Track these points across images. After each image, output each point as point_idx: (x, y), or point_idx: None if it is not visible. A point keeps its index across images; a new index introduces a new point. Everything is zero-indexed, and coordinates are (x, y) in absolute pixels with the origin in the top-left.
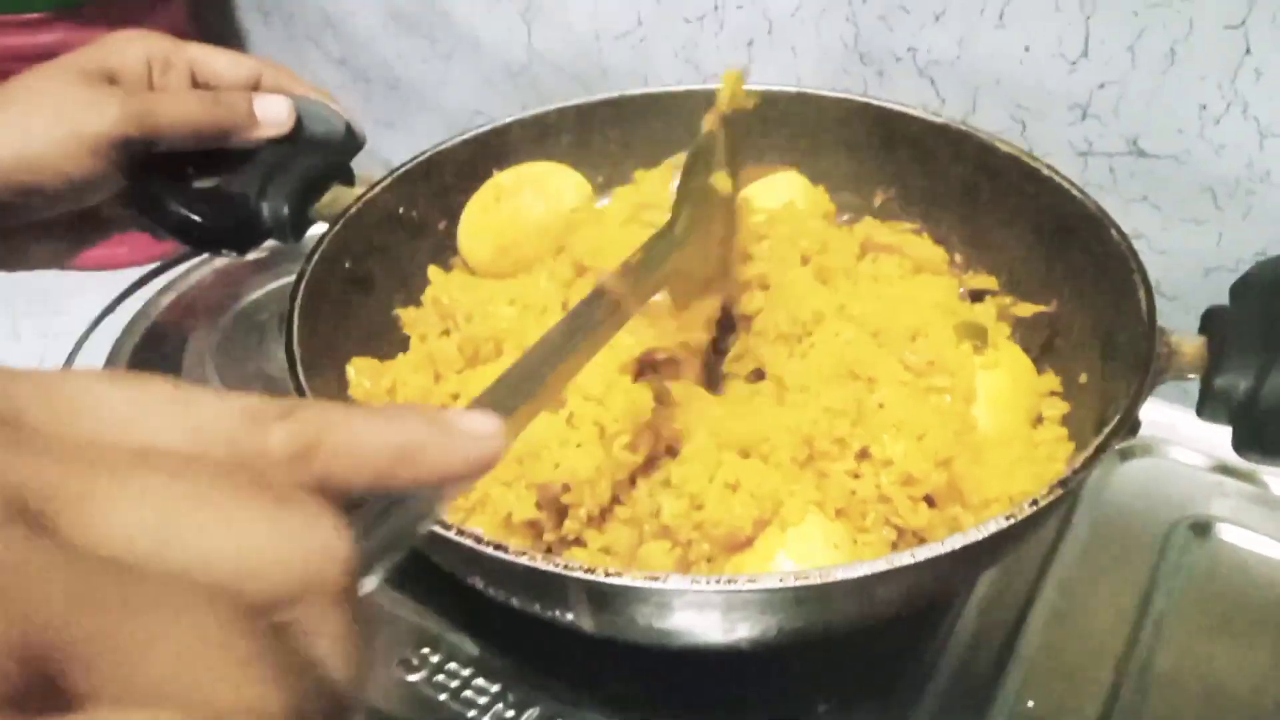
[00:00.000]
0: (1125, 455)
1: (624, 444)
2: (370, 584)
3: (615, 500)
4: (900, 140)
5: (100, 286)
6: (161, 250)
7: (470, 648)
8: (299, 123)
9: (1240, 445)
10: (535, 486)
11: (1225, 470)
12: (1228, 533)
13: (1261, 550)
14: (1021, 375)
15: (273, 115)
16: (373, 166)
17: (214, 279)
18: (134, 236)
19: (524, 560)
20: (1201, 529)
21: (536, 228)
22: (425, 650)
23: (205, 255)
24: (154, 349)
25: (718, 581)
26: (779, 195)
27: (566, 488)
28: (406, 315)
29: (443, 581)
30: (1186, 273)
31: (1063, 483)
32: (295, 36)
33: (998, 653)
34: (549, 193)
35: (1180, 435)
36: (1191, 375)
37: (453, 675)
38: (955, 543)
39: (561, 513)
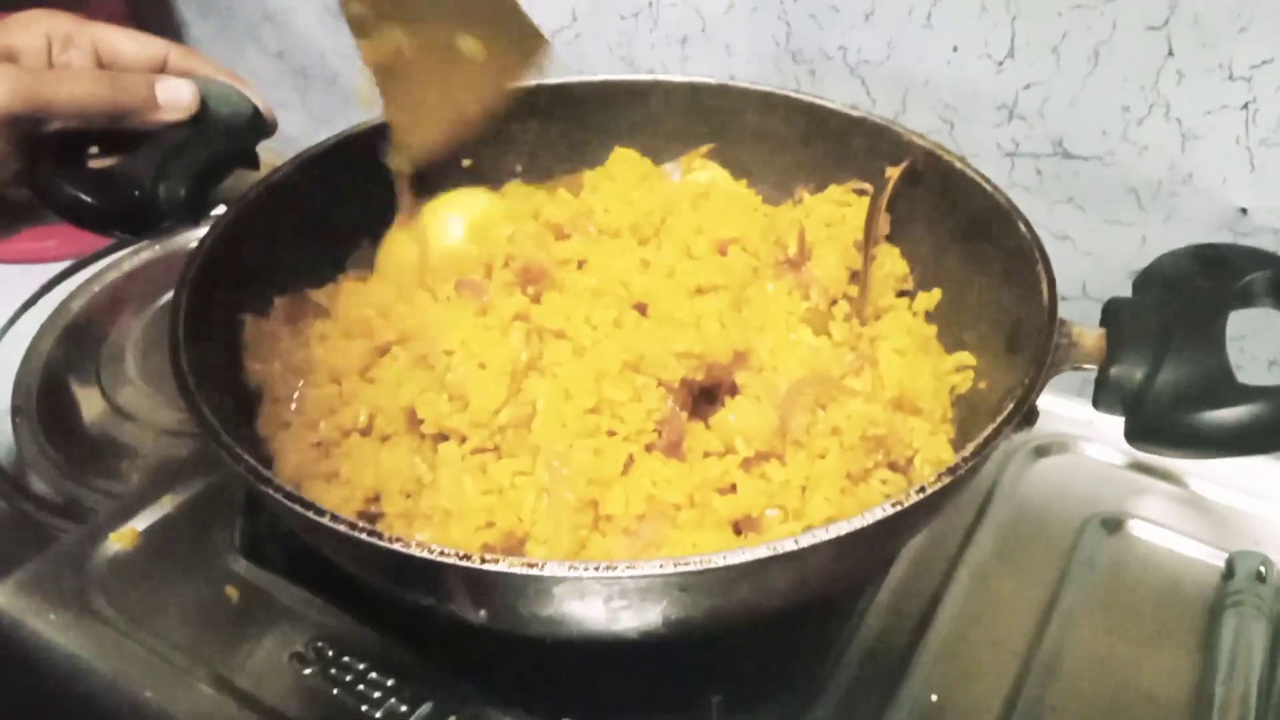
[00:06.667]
0: (1042, 452)
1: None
2: None
3: None
4: (820, 134)
5: (23, 280)
6: (92, 244)
7: (368, 640)
8: (204, 105)
9: (1132, 435)
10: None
11: (1140, 468)
12: (1138, 528)
13: (1170, 545)
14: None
15: (175, 98)
16: None
17: (138, 273)
18: (63, 230)
19: (401, 547)
20: (1113, 525)
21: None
22: (320, 644)
23: (128, 249)
24: (74, 343)
25: (594, 568)
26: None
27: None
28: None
29: (340, 574)
30: (1112, 274)
31: (951, 470)
32: (233, 30)
33: (905, 646)
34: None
35: (1096, 433)
36: (1089, 366)
37: (347, 669)
38: (840, 529)
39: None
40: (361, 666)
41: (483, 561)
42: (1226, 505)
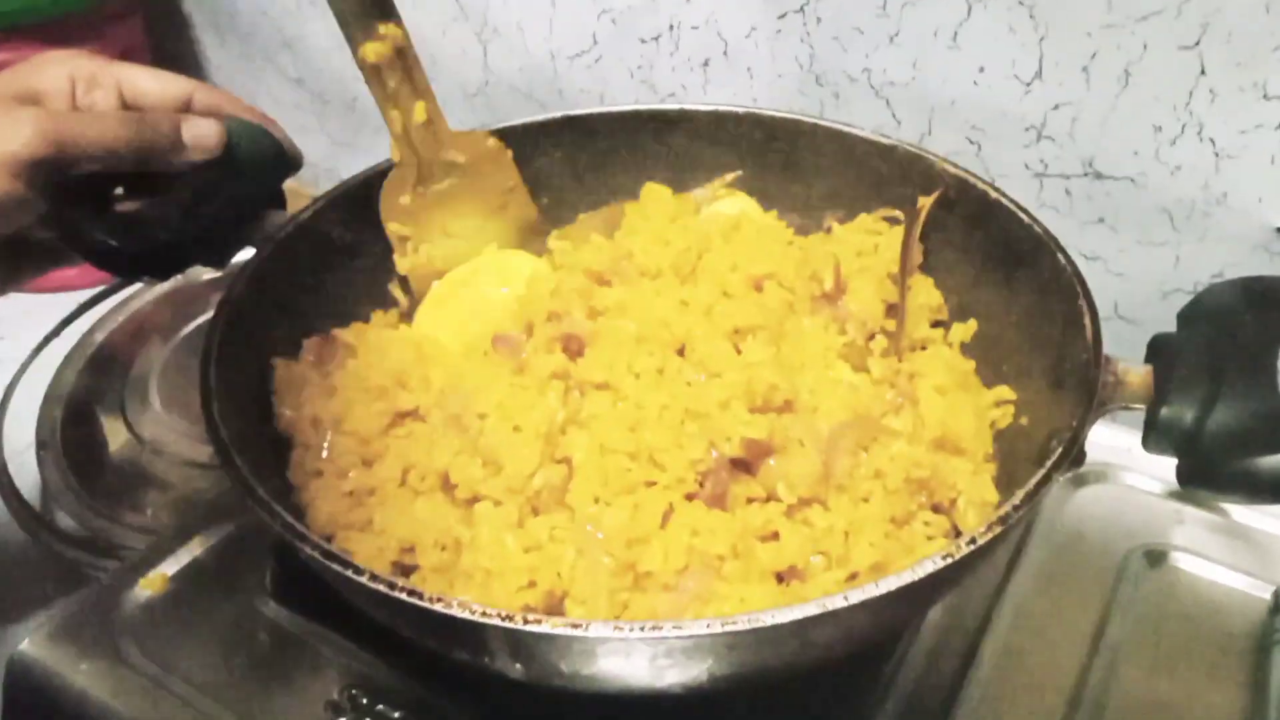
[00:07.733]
0: (1080, 482)
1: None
2: None
3: None
4: (849, 162)
5: (46, 310)
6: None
7: (403, 687)
8: (230, 145)
9: (1186, 478)
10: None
11: (1181, 497)
12: (1183, 560)
13: (1215, 578)
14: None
15: (201, 138)
16: (330, 186)
17: (164, 301)
18: None
19: (441, 608)
20: (1156, 557)
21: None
22: (354, 691)
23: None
24: (98, 374)
25: (640, 629)
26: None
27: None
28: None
29: (373, 619)
30: (1145, 295)
31: (1002, 519)
32: (252, 56)
33: (948, 686)
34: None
35: (1136, 462)
36: (1137, 405)
37: (382, 717)
38: (890, 584)
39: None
40: (397, 715)
41: (526, 623)
42: (1272, 534)
